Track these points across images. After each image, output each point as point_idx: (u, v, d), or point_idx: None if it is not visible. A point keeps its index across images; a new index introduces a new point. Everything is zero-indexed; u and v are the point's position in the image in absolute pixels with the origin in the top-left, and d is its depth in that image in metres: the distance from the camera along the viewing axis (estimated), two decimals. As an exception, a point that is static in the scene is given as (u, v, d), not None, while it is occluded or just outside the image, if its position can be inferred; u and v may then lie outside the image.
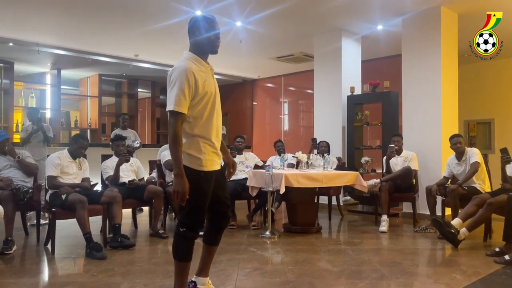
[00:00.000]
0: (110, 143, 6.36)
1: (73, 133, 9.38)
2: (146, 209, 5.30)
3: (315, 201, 5.47)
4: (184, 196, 2.30)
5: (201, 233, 2.56)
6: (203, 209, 2.45)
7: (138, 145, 6.56)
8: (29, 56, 7.94)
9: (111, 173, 4.79)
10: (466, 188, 4.71)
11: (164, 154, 5.43)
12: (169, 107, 2.31)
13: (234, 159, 3.86)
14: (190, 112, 2.37)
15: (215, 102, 2.46)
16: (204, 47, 2.46)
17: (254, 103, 11.11)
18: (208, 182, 2.44)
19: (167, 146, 6.12)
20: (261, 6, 5.71)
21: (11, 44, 7.14)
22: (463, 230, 4.17)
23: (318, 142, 6.57)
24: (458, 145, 4.90)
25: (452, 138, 4.99)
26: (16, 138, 8.37)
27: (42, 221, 4.73)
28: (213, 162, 2.47)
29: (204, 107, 2.40)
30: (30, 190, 4.41)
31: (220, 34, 2.51)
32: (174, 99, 2.29)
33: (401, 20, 6.15)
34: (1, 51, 7.61)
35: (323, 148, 6.31)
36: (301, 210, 5.02)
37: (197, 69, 2.39)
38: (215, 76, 2.62)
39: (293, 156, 5.99)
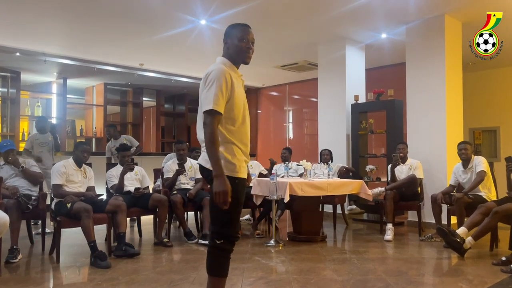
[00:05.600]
0: (107, 156, 6.43)
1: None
2: (147, 218, 5.31)
3: (320, 209, 5.45)
4: (227, 196, 2.14)
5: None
6: (238, 219, 2.35)
7: (132, 150, 6.49)
8: (36, 66, 8.02)
9: (116, 181, 4.82)
10: (471, 196, 4.68)
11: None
12: (207, 106, 2.19)
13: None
14: (226, 116, 2.27)
15: (246, 111, 2.40)
16: (235, 55, 2.38)
17: (258, 111, 11.13)
18: (242, 189, 2.34)
19: (171, 155, 6.17)
20: (265, 15, 5.75)
21: (18, 54, 7.22)
22: (469, 239, 4.14)
23: (320, 150, 6.57)
24: (463, 151, 4.89)
25: (459, 144, 4.99)
26: (22, 147, 8.45)
27: (47, 230, 4.75)
28: (244, 170, 2.35)
29: (237, 113, 2.31)
30: (35, 198, 4.43)
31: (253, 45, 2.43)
32: (213, 99, 2.19)
33: (405, 28, 6.17)
34: (8, 60, 7.69)
35: (326, 157, 6.31)
36: (305, 219, 5.01)
37: (232, 73, 2.34)
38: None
39: (297, 165, 5.99)
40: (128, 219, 4.80)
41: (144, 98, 10.56)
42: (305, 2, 5.33)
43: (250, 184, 5.32)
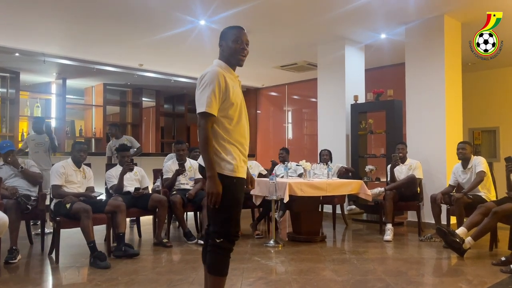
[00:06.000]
0: (107, 156, 6.38)
1: (78, 142, 9.41)
2: (146, 218, 5.30)
3: (319, 210, 5.45)
4: (219, 197, 2.20)
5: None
6: (238, 218, 2.37)
7: (132, 151, 6.46)
8: (35, 66, 8.01)
9: (115, 182, 4.82)
10: (471, 196, 4.68)
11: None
12: (201, 108, 2.25)
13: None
14: (222, 115, 2.31)
15: (242, 111, 2.41)
16: (229, 58, 2.41)
17: (258, 111, 11.13)
18: (241, 189, 2.35)
19: (171, 155, 6.17)
20: (265, 16, 5.75)
21: (17, 54, 7.21)
22: (469, 239, 4.14)
23: (320, 150, 6.59)
24: (460, 150, 4.90)
25: (458, 144, 5.01)
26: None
27: (46, 230, 4.74)
28: (243, 170, 2.37)
29: (233, 113, 2.34)
30: (34, 199, 4.43)
31: (248, 47, 2.44)
32: (206, 101, 2.24)
33: (404, 28, 6.17)
34: (8, 61, 7.68)
35: (325, 157, 6.31)
36: (305, 219, 5.01)
37: (227, 75, 2.36)
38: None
39: (297, 165, 5.98)
40: (128, 219, 4.81)
41: (143, 99, 10.56)
42: (304, 3, 5.33)
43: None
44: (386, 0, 5.23)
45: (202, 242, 4.63)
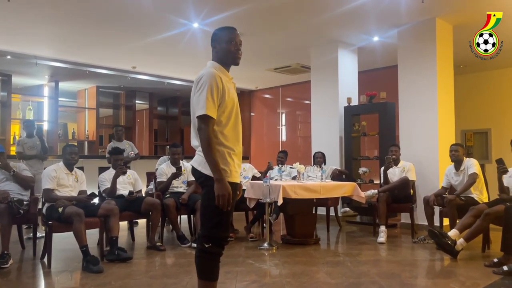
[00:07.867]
0: (107, 156, 6.33)
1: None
2: (142, 221, 5.27)
3: (313, 212, 5.45)
4: (229, 199, 2.20)
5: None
6: (228, 222, 2.35)
7: (132, 155, 6.48)
8: (27, 69, 7.96)
9: (108, 185, 4.79)
10: (463, 198, 4.71)
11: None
12: (200, 111, 2.22)
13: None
14: (218, 119, 2.27)
15: (238, 114, 2.39)
16: (225, 58, 2.40)
17: (251, 114, 11.13)
18: (234, 193, 2.31)
19: (165, 158, 6.15)
20: (258, 19, 5.76)
21: (9, 57, 7.16)
22: (461, 240, 4.16)
23: (314, 153, 6.61)
24: (453, 152, 4.94)
25: (451, 146, 5.04)
26: (13, 150, 8.36)
27: (38, 234, 4.70)
28: (237, 174, 2.35)
29: (229, 116, 2.31)
30: (26, 203, 4.39)
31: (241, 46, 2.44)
32: (204, 104, 2.21)
33: (396, 31, 6.21)
34: (-1, 63, 7.63)
35: (319, 159, 6.33)
36: (299, 222, 5.01)
37: (223, 76, 2.33)
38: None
39: (290, 167, 5.99)
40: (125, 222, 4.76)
41: (136, 101, 10.54)
42: (297, 5, 5.35)
43: (243, 187, 5.29)
44: (379, 3, 5.26)
45: (195, 245, 4.64)
